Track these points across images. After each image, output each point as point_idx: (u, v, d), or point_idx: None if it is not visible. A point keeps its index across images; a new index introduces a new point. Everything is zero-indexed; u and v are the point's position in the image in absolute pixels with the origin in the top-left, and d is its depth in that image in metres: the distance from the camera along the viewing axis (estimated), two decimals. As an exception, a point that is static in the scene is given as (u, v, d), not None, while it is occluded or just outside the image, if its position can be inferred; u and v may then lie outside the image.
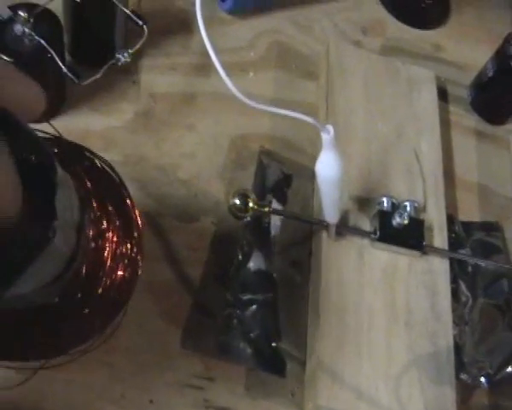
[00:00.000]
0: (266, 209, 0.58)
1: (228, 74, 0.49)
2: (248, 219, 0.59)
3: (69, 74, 0.56)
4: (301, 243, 0.63)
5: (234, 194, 0.58)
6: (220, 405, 0.55)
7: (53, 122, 0.63)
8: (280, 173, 0.65)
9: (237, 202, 0.57)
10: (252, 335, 0.57)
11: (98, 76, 0.58)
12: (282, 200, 0.63)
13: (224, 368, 0.56)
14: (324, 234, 0.60)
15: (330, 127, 0.51)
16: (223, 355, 0.56)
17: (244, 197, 0.58)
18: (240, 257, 0.60)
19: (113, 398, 0.54)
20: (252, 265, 0.60)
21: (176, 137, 0.65)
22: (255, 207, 0.58)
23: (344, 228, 0.60)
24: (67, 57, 0.63)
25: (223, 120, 0.67)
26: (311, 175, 0.65)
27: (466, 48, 0.79)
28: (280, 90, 0.70)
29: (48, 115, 0.63)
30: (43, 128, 0.59)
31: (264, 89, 0.70)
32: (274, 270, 0.60)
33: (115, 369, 0.55)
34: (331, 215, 0.58)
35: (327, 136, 0.51)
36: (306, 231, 0.63)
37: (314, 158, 0.65)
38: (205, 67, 0.69)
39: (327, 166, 0.53)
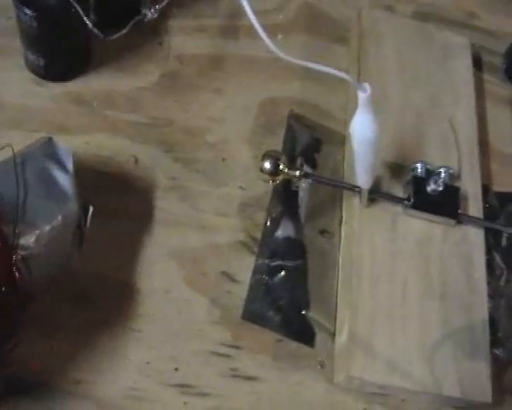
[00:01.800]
0: (298, 173, 0.55)
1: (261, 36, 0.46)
2: (277, 182, 0.55)
3: (95, 30, 0.53)
4: (329, 210, 0.60)
5: (264, 156, 0.54)
6: (247, 374, 0.52)
7: (77, 81, 0.60)
8: (309, 138, 0.61)
9: (267, 164, 0.54)
10: (280, 302, 0.54)
11: (124, 31, 0.55)
12: (312, 165, 0.60)
13: (251, 337, 0.53)
14: (356, 200, 0.57)
15: (367, 85, 0.48)
16: (251, 322, 0.53)
17: (275, 160, 0.54)
18: (268, 223, 0.57)
19: (138, 365, 0.51)
20: (281, 231, 0.57)
21: (203, 100, 0.62)
22: (286, 170, 0.54)
23: (377, 194, 0.56)
24: (92, 16, 0.60)
25: (251, 83, 0.63)
26: (341, 141, 0.62)
27: (501, 15, 0.75)
28: (309, 55, 0.66)
29: (72, 75, 0.60)
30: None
31: (292, 52, 0.65)
32: (303, 237, 0.57)
33: (141, 336, 0.52)
34: (364, 180, 0.54)
35: (363, 94, 0.48)
36: (334, 198, 0.60)
37: (344, 123, 0.62)
38: (233, 30, 0.65)
39: (363, 126, 0.50)
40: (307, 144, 0.61)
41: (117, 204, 0.55)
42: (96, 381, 0.50)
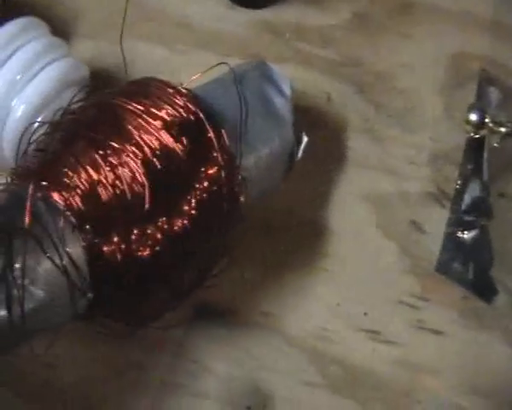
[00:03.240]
0: (504, 130, 0.52)
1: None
2: (478, 136, 0.52)
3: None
4: (509, 172, 0.57)
5: (471, 107, 0.51)
6: (434, 327, 0.50)
7: (268, 10, 0.58)
8: (500, 99, 0.58)
9: (475, 115, 0.51)
10: (471, 258, 0.52)
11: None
12: (498, 126, 0.57)
13: (439, 291, 0.51)
14: (553, 165, 0.54)
15: None
16: (444, 275, 0.51)
17: (482, 112, 0.51)
18: (461, 178, 0.54)
19: (329, 304, 0.49)
20: (471, 188, 0.54)
21: (393, 44, 0.59)
22: (491, 125, 0.51)
23: None
24: None
25: (442, 34, 0.60)
26: (527, 104, 0.59)
27: None
28: (499, 12, 0.62)
29: (264, 2, 0.57)
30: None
31: (481, 8, 0.62)
32: (489, 197, 0.54)
33: (330, 276, 0.50)
34: None
35: None
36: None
37: (530, 87, 0.59)
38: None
39: None
40: (497, 105, 0.58)
41: (309, 139, 0.52)
42: (284, 316, 0.49)
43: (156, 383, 0.46)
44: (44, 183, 0.36)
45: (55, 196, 0.36)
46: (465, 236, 0.52)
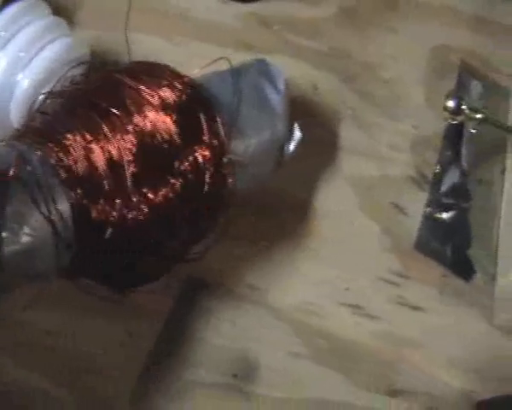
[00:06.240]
0: (479, 116, 0.53)
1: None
2: (455, 122, 0.53)
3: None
4: (488, 160, 0.58)
5: (448, 94, 0.52)
6: (413, 304, 0.51)
7: (259, 4, 0.59)
8: (479, 90, 0.59)
9: (452, 102, 0.52)
10: (450, 238, 0.53)
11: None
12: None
13: (419, 269, 0.52)
14: (526, 151, 0.55)
15: None
16: (423, 253, 0.52)
17: (459, 99, 0.52)
18: (440, 166, 0.55)
19: (313, 280, 0.50)
20: (451, 173, 0.55)
21: (379, 37, 0.60)
22: (467, 111, 0.52)
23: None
24: None
25: (425, 27, 0.61)
26: (505, 95, 0.60)
27: None
28: (480, 7, 0.64)
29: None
30: None
31: (463, 3, 0.64)
32: (468, 182, 0.56)
33: (315, 254, 0.51)
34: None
35: None
36: (497, 148, 0.58)
37: (509, 78, 0.60)
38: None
39: None
40: (477, 95, 0.59)
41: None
42: (270, 290, 0.50)
43: (145, 352, 0.47)
44: (42, 140, 0.38)
45: (50, 152, 0.37)
46: (443, 216, 0.53)
